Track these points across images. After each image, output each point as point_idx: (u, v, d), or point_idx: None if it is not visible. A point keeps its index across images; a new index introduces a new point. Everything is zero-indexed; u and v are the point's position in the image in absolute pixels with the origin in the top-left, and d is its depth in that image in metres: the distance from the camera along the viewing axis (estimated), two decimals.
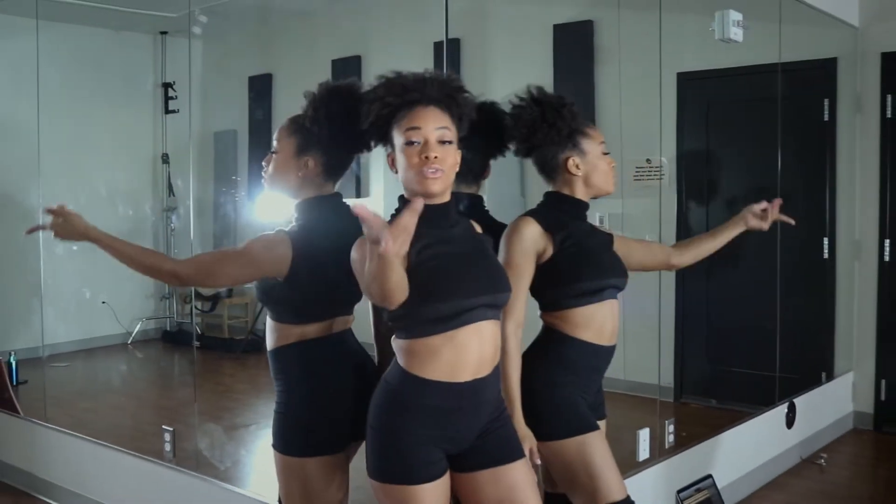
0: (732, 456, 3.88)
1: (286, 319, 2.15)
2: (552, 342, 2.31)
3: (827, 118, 4.94)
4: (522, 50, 5.12)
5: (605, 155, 2.36)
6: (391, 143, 1.97)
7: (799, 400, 4.43)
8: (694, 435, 3.76)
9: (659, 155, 4.44)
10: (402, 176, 1.93)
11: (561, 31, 4.95)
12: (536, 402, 2.26)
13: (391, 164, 1.98)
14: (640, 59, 4.32)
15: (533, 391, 2.26)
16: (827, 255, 4.96)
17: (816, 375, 4.88)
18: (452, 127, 1.94)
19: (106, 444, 3.76)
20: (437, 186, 1.90)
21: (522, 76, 4.88)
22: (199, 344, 4.13)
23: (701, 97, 4.99)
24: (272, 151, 2.21)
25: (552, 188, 2.37)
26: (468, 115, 2.00)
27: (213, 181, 6.93)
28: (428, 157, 1.88)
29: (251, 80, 6.60)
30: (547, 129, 2.28)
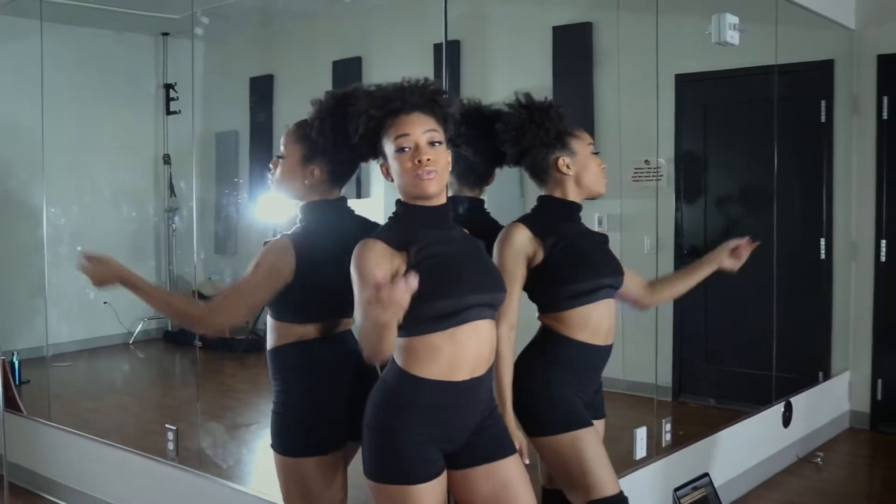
0: (729, 454, 3.91)
1: (287, 318, 2.17)
2: (549, 343, 2.35)
3: (824, 119, 4.98)
4: (522, 51, 5.14)
5: (594, 155, 2.40)
6: (382, 153, 2.01)
7: (796, 399, 4.46)
8: (691, 434, 3.79)
9: (656, 156, 4.47)
10: (398, 182, 1.97)
11: (560, 32, 4.98)
12: (533, 399, 2.30)
13: (385, 174, 2.01)
14: (638, 60, 4.35)
15: (530, 389, 2.31)
16: (824, 255, 4.99)
17: (813, 375, 4.91)
18: (439, 128, 1.98)
19: (110, 442, 3.79)
20: (433, 188, 1.94)
21: (522, 78, 4.92)
22: (200, 344, 4.15)
23: (699, 99, 5.02)
24: (279, 156, 2.23)
25: (544, 191, 2.41)
26: (452, 115, 2.04)
27: (214, 182, 6.96)
28: (421, 160, 1.91)
29: (252, 81, 6.62)
30: (535, 129, 2.33)
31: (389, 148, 1.96)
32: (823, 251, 4.98)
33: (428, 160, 1.92)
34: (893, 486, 4.25)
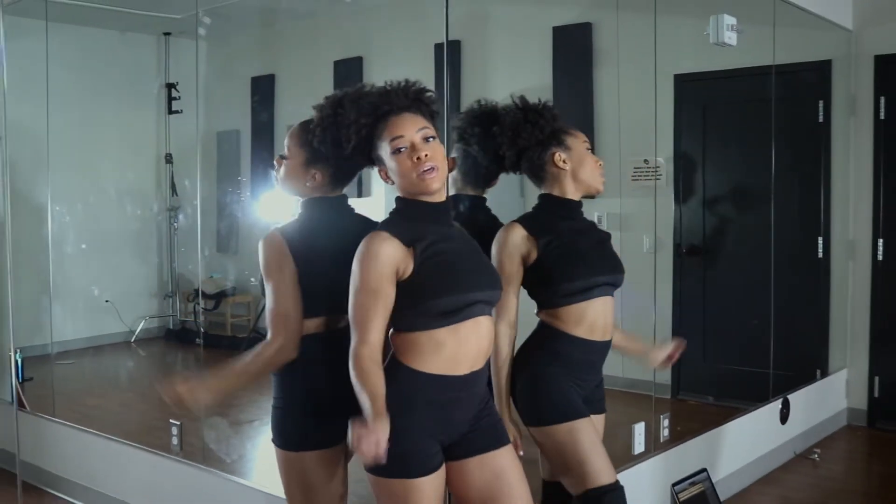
0: (727, 450, 3.94)
1: None
2: (547, 338, 2.41)
3: (821, 119, 5.01)
4: (522, 52, 5.17)
5: (590, 152, 2.45)
6: (378, 159, 2.03)
7: (793, 396, 4.49)
8: (690, 430, 3.82)
9: (655, 155, 4.51)
10: (399, 183, 2.00)
11: (560, 33, 5.00)
12: (531, 391, 2.36)
13: (385, 177, 2.04)
14: (638, 61, 4.37)
15: (528, 381, 2.36)
16: (821, 254, 5.03)
17: (811, 372, 4.95)
18: (430, 125, 2.02)
19: (115, 438, 3.82)
20: (436, 183, 1.97)
21: (522, 78, 4.95)
22: (201, 342, 4.18)
23: (698, 99, 5.05)
24: (283, 157, 2.24)
25: (544, 190, 2.46)
26: (438, 112, 2.09)
27: (216, 181, 6.98)
28: (420, 157, 1.95)
29: (254, 80, 6.64)
30: (530, 128, 2.39)
31: (386, 151, 1.99)
32: (821, 250, 5.02)
33: (426, 156, 1.95)
34: (890, 482, 4.29)
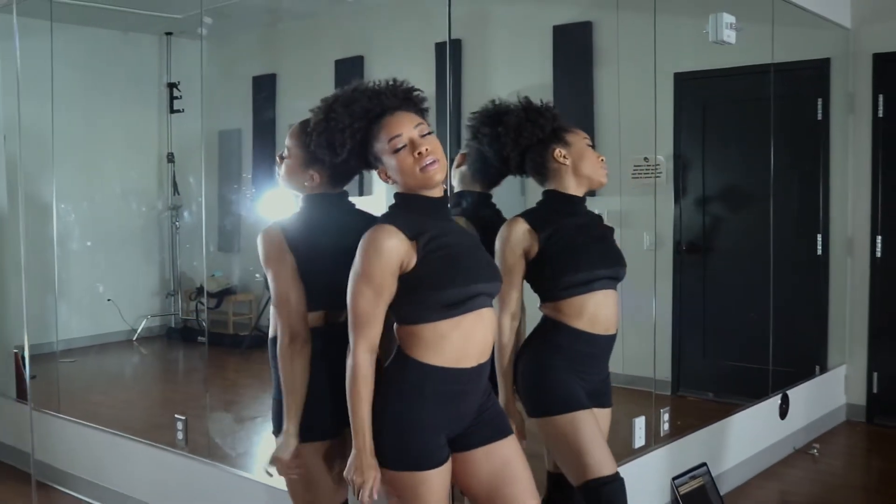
0: (727, 445, 3.97)
1: None
2: (549, 331, 2.45)
3: (820, 117, 5.04)
4: (523, 51, 5.20)
5: (590, 147, 2.49)
6: (376, 159, 2.05)
7: (792, 392, 4.52)
8: (690, 426, 3.84)
9: (655, 153, 4.54)
10: (400, 181, 2.01)
11: (560, 32, 5.03)
12: (534, 382, 2.40)
13: (384, 178, 2.06)
14: (638, 59, 4.39)
15: (531, 373, 2.41)
16: (820, 251, 5.06)
17: (810, 368, 4.97)
18: (424, 120, 2.05)
19: (121, 433, 3.85)
20: (440, 175, 1.99)
21: (523, 76, 4.98)
22: (206, 340, 4.21)
23: (697, 97, 5.08)
24: (283, 156, 2.25)
25: (547, 187, 2.50)
26: (427, 109, 2.12)
27: (218, 180, 7.02)
28: (421, 152, 1.97)
29: (255, 80, 6.67)
30: (531, 127, 2.44)
31: (385, 151, 2.00)
32: (820, 247, 5.05)
33: (427, 150, 1.97)
34: (889, 477, 4.32)
